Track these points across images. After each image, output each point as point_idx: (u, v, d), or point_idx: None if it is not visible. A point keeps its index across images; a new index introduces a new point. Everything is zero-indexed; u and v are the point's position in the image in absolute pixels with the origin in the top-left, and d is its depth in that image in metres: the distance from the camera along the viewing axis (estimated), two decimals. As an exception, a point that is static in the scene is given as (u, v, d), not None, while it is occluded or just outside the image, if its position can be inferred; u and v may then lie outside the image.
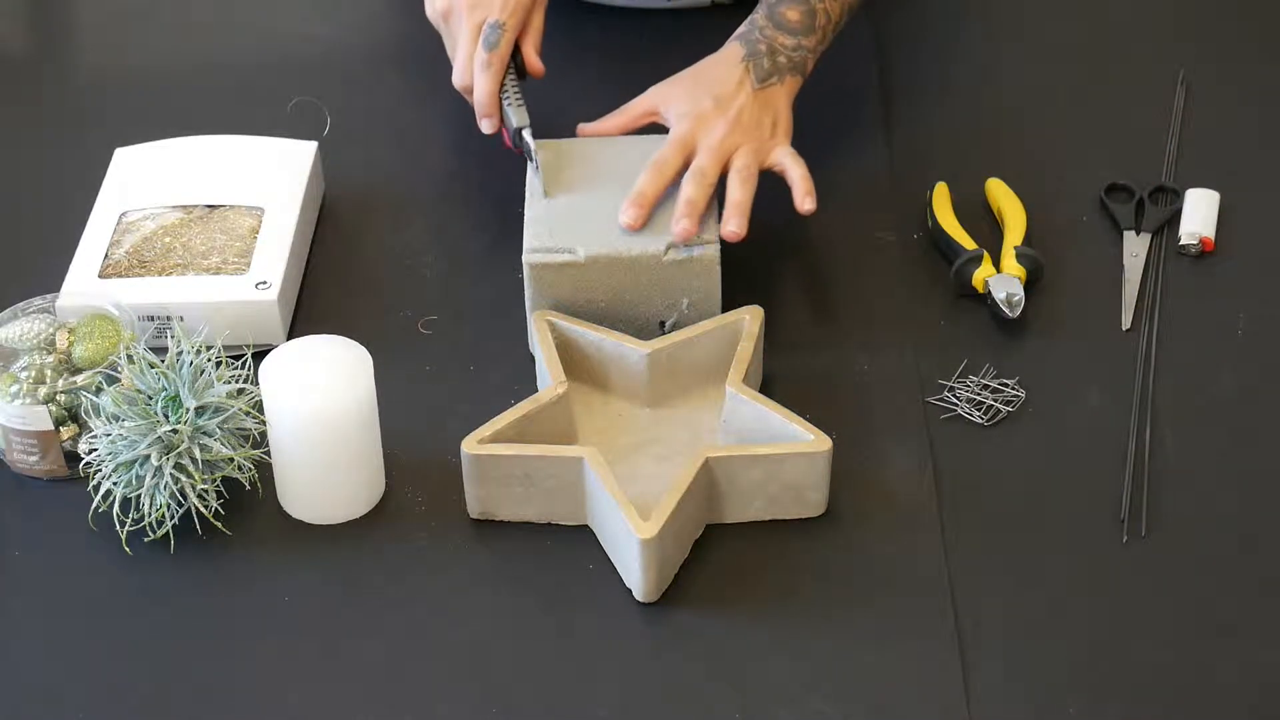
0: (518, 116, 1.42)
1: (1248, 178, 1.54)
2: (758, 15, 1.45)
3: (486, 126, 1.43)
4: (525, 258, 1.33)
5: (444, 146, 1.58)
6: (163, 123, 1.55)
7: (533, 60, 1.46)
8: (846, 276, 1.44)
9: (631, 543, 1.19)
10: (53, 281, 1.38)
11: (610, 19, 1.69)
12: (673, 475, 1.24)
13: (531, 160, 1.40)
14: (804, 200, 1.37)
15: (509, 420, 1.26)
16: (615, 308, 1.34)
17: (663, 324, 1.35)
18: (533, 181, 1.39)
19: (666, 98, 1.43)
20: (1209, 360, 1.38)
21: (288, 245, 1.41)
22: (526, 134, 1.41)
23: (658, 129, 1.43)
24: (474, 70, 1.42)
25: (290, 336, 1.39)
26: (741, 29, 1.45)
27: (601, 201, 1.36)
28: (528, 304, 1.35)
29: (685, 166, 1.37)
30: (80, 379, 1.27)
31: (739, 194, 1.36)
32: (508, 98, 1.42)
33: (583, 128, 1.45)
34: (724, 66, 1.43)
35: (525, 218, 1.36)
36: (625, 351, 1.31)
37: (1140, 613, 1.21)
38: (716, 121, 1.39)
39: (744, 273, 1.39)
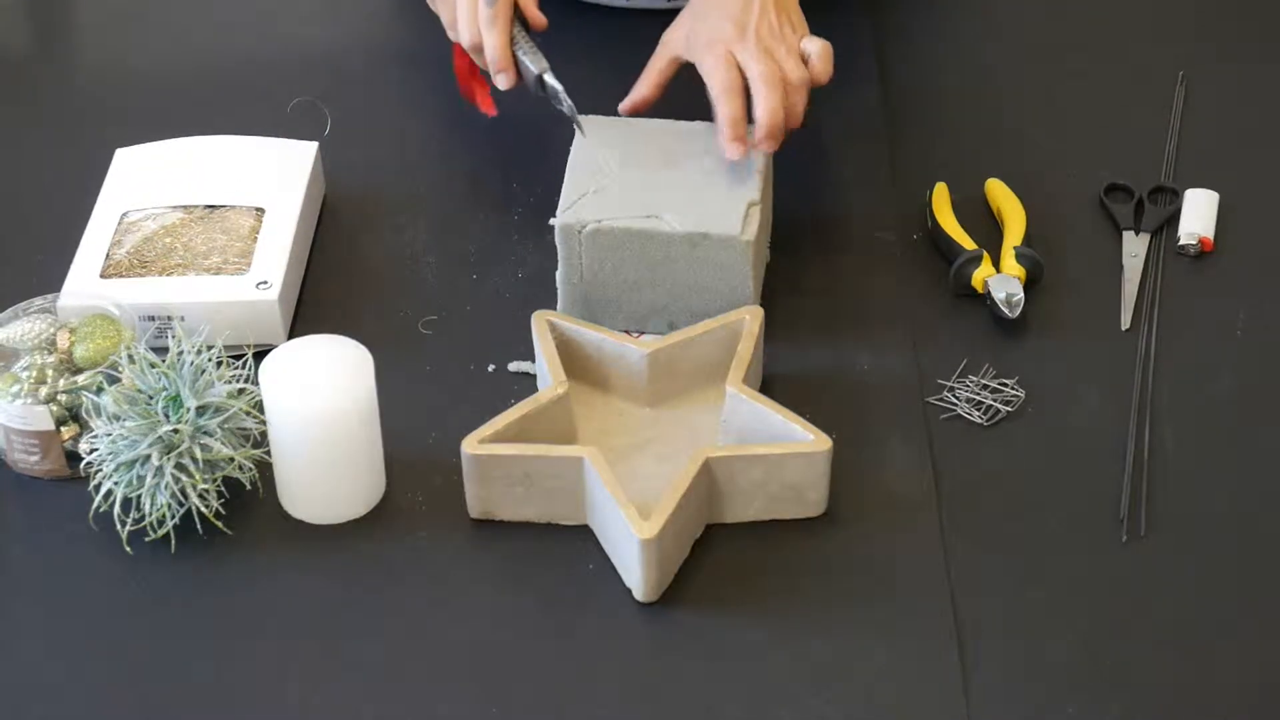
0: (535, 63, 1.41)
1: (1248, 178, 1.54)
2: None
3: (503, 82, 1.42)
4: (558, 218, 1.33)
5: (444, 146, 1.57)
6: (163, 123, 1.55)
7: (533, 13, 1.45)
8: (846, 276, 1.44)
9: (631, 543, 1.19)
10: (54, 281, 1.38)
11: (611, 20, 1.69)
12: (673, 475, 1.24)
13: (561, 104, 1.39)
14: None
15: (509, 420, 1.26)
16: (640, 289, 1.34)
17: (671, 325, 1.35)
18: (576, 150, 1.39)
19: (683, 39, 1.43)
20: (1209, 360, 1.38)
21: (288, 245, 1.41)
22: (548, 77, 1.40)
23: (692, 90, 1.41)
24: (481, 27, 1.41)
25: (290, 336, 1.39)
26: None
27: (644, 178, 1.36)
28: (559, 275, 1.35)
29: (745, 82, 1.37)
30: (81, 379, 1.27)
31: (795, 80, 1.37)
32: (520, 48, 1.41)
33: (622, 106, 1.44)
34: None
35: (565, 181, 1.36)
36: (625, 351, 1.31)
37: (1140, 613, 1.21)
38: (747, 38, 1.38)
39: (744, 273, 1.39)
